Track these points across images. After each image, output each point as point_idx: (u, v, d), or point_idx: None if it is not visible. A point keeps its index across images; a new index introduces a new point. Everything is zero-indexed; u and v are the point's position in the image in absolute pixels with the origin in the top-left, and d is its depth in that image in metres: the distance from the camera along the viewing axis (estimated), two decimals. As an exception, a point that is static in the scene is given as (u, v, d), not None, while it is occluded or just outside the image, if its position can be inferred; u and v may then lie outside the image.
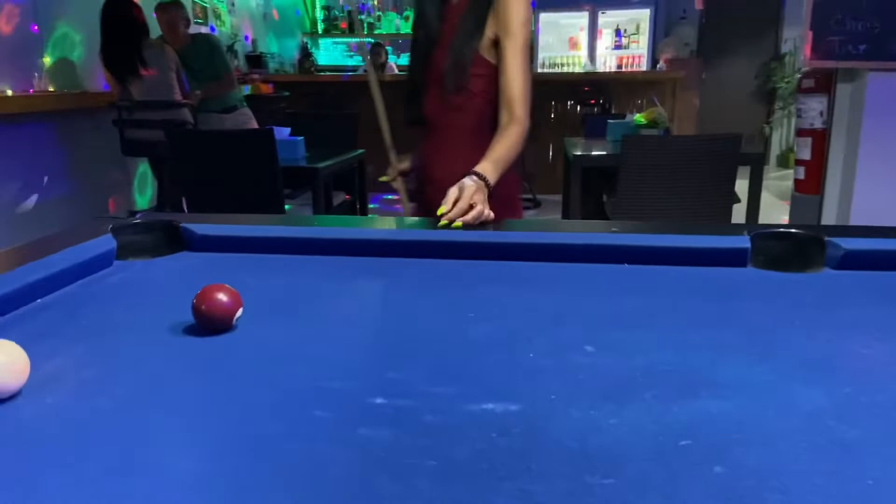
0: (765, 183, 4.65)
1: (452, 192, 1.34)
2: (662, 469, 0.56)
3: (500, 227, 1.28)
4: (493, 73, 1.63)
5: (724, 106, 8.41)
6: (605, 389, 0.70)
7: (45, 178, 3.88)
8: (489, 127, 1.65)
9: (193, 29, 4.79)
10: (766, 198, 5.52)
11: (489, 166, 1.47)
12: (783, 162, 8.18)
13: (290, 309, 0.96)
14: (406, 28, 8.73)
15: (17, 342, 0.70)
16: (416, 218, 1.37)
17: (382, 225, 1.29)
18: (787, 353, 0.79)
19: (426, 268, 1.13)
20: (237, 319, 0.85)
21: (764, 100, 8.67)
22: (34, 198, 3.78)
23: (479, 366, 0.77)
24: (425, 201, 1.78)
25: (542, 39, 8.36)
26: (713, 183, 3.16)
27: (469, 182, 1.38)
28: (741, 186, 3.28)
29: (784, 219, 4.58)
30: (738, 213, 3.50)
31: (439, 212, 1.30)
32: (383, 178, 1.89)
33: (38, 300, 0.95)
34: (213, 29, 6.34)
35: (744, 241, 1.12)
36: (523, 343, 0.83)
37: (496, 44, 1.61)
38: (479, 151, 1.66)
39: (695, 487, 0.53)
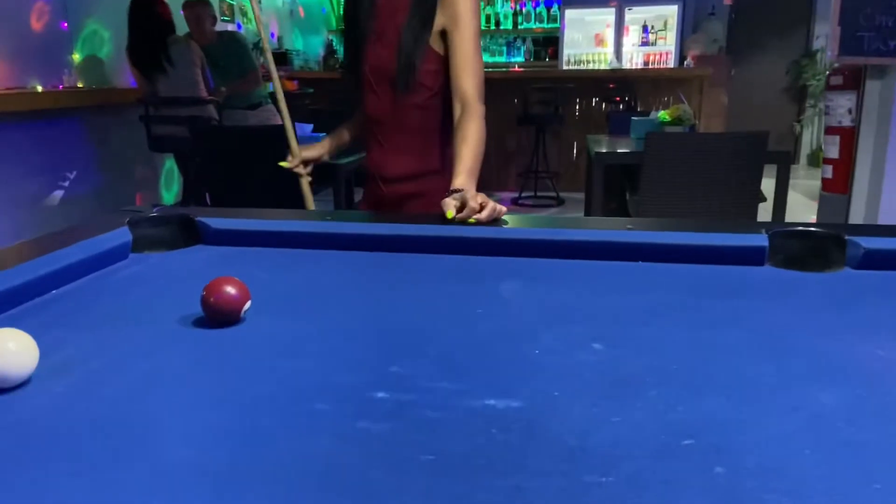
0: (794, 182, 4.58)
1: (451, 201, 1.28)
2: (661, 469, 0.55)
3: (515, 224, 1.27)
4: (444, 66, 1.59)
5: (753, 103, 8.29)
6: (610, 387, 0.69)
7: (75, 173, 3.96)
8: (444, 120, 1.62)
9: (220, 26, 4.84)
10: (795, 197, 5.43)
11: (466, 179, 1.42)
12: (813, 161, 8.03)
13: (299, 303, 0.97)
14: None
15: (29, 332, 0.71)
16: (429, 214, 1.36)
17: (394, 220, 1.29)
18: (798, 354, 0.77)
19: (437, 263, 1.13)
20: (245, 312, 0.86)
21: (795, 97, 8.53)
22: (61, 192, 3.85)
23: (484, 361, 0.76)
24: (377, 199, 1.72)
25: (568, 36, 8.30)
26: (738, 181, 3.11)
27: (464, 191, 1.32)
28: (768, 185, 3.22)
29: (812, 218, 4.50)
30: (765, 213, 3.45)
31: (448, 214, 1.26)
32: (283, 164, 1.80)
33: (53, 291, 0.97)
34: (239, 26, 6.41)
35: (761, 240, 1.10)
36: (530, 339, 0.82)
37: (444, 34, 1.57)
38: (436, 146, 1.65)
39: (693, 488, 0.52)
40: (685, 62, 7.69)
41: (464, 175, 1.43)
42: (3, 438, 0.61)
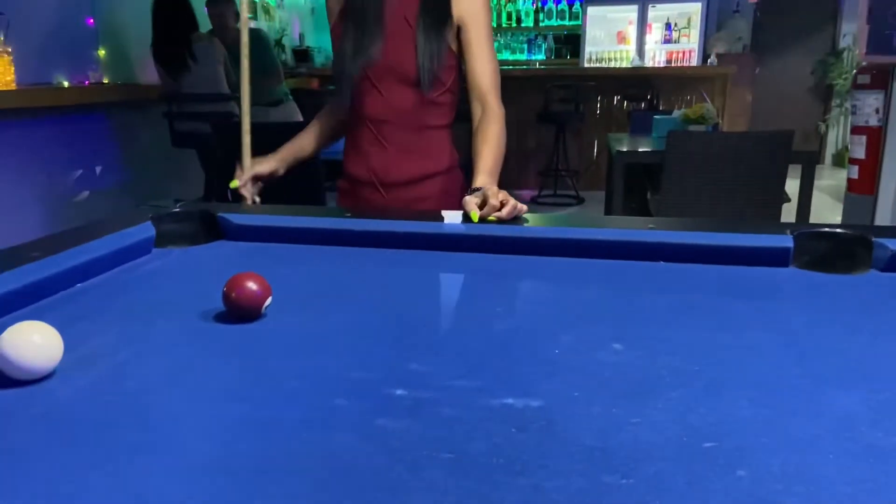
0: (819, 183, 4.52)
1: (473, 200, 1.26)
2: (683, 471, 0.54)
3: (535, 222, 1.26)
4: (458, 62, 1.57)
5: (778, 103, 8.18)
6: (630, 388, 0.69)
7: (99, 168, 4.01)
8: (454, 112, 1.59)
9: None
10: (819, 198, 5.35)
11: (486, 179, 1.40)
12: (839, 161, 7.91)
13: (320, 299, 0.97)
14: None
15: (55, 325, 0.72)
16: (449, 212, 1.36)
17: (415, 218, 1.29)
18: (823, 356, 0.76)
19: (457, 261, 1.13)
20: (266, 308, 0.87)
21: (820, 97, 8.40)
22: (86, 187, 3.90)
23: (503, 360, 0.76)
24: (375, 208, 1.62)
25: (590, 33, 8.24)
26: (762, 181, 3.08)
27: (484, 189, 1.29)
28: (792, 186, 3.18)
29: (837, 220, 4.43)
30: (789, 213, 3.41)
31: (472, 216, 1.23)
32: (233, 185, 1.63)
33: (78, 284, 0.98)
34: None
35: (786, 241, 1.09)
36: (549, 339, 0.82)
37: (458, 31, 1.54)
38: (444, 145, 1.62)
39: (715, 491, 0.52)
40: (709, 60, 7.60)
41: (484, 174, 1.42)
42: (27, 429, 0.62)
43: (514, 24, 8.76)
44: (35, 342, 0.69)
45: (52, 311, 0.88)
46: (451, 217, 1.27)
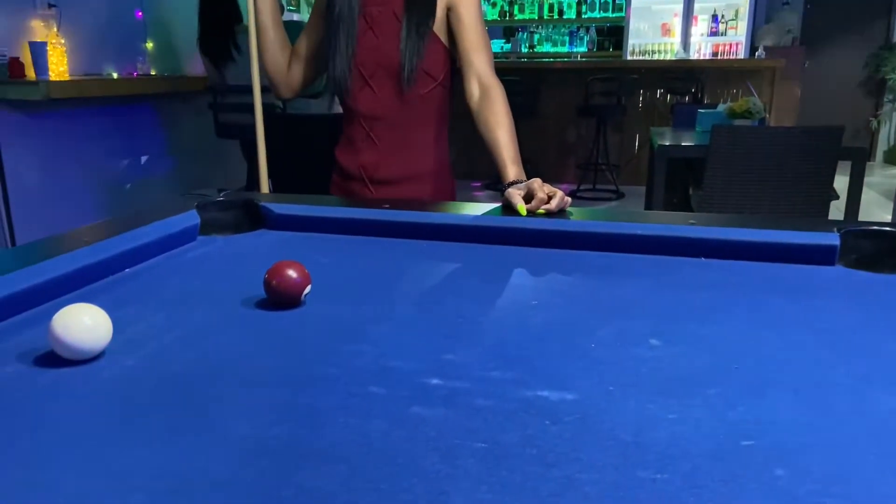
0: (869, 180, 4.38)
1: (517, 193, 1.26)
2: (719, 468, 0.54)
3: (573, 216, 1.26)
4: (447, 53, 1.55)
5: (828, 97, 7.95)
6: (667, 384, 0.68)
7: (146, 157, 4.11)
8: (447, 111, 1.58)
9: (287, 16, 4.93)
10: (870, 196, 5.20)
11: (517, 169, 1.39)
12: (891, 158, 7.67)
13: (358, 288, 0.98)
14: (493, 14, 8.67)
15: (104, 307, 0.75)
16: (487, 205, 1.36)
17: (453, 210, 1.30)
18: (868, 356, 0.74)
19: (494, 254, 1.13)
20: (305, 296, 0.88)
21: (872, 91, 8.14)
22: (134, 175, 4.01)
23: (538, 353, 0.76)
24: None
25: (633, 26, 8.12)
26: (809, 178, 3.00)
27: (527, 181, 1.29)
28: (841, 183, 3.09)
29: (887, 218, 4.29)
30: (837, 211, 3.32)
31: (520, 209, 1.22)
32: None
33: (127, 269, 1.02)
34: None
35: (832, 238, 1.06)
36: (586, 333, 0.81)
37: (447, 17, 1.52)
38: (437, 141, 1.60)
39: (752, 489, 0.51)
40: (757, 53, 7.42)
41: (513, 164, 1.41)
42: (77, 407, 0.65)
43: (555, 17, 8.68)
44: (85, 324, 0.72)
45: (101, 295, 0.91)
46: (486, 209, 1.27)
